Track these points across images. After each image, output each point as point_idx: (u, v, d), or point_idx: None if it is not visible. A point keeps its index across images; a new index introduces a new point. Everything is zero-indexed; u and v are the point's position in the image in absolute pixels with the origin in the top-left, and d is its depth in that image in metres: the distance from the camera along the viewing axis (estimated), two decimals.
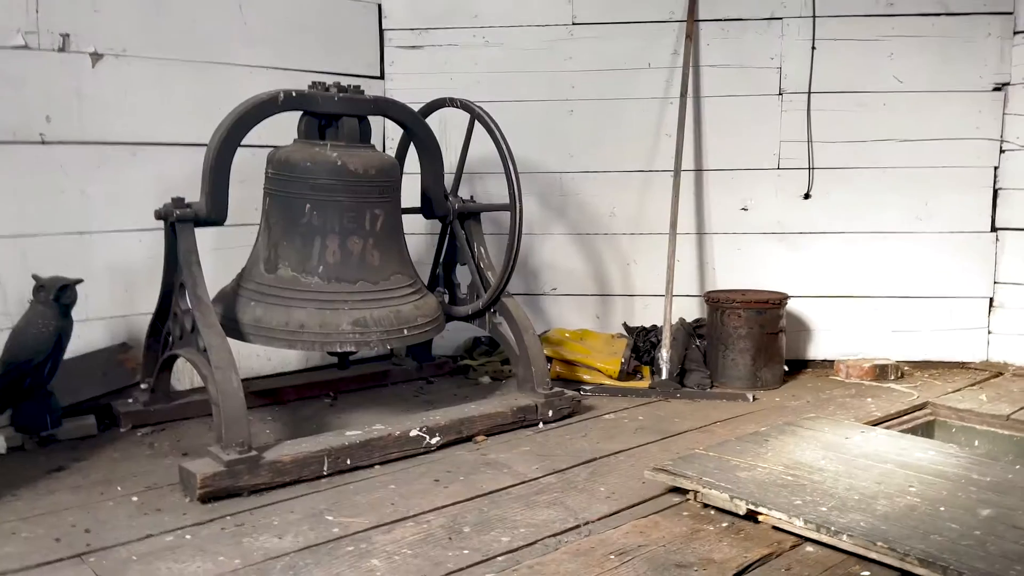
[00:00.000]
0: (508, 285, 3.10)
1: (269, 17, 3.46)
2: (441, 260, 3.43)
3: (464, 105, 3.11)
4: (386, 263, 2.84)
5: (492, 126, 2.99)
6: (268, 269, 2.75)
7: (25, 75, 2.86)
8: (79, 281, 2.72)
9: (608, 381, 3.48)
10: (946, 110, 3.65)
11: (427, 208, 3.22)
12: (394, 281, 2.85)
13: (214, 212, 2.66)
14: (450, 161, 3.49)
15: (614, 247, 3.91)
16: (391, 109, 2.98)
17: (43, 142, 2.92)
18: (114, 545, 2.00)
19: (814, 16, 3.65)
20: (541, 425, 2.96)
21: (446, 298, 3.38)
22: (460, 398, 3.27)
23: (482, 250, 3.25)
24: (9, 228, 2.86)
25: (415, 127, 3.03)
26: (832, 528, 1.95)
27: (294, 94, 2.71)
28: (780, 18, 3.68)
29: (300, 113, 2.82)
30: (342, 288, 2.73)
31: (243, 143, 2.68)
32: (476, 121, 3.08)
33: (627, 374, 3.51)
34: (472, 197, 3.35)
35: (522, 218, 3.01)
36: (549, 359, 3.34)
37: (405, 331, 2.80)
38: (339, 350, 2.73)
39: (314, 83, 2.81)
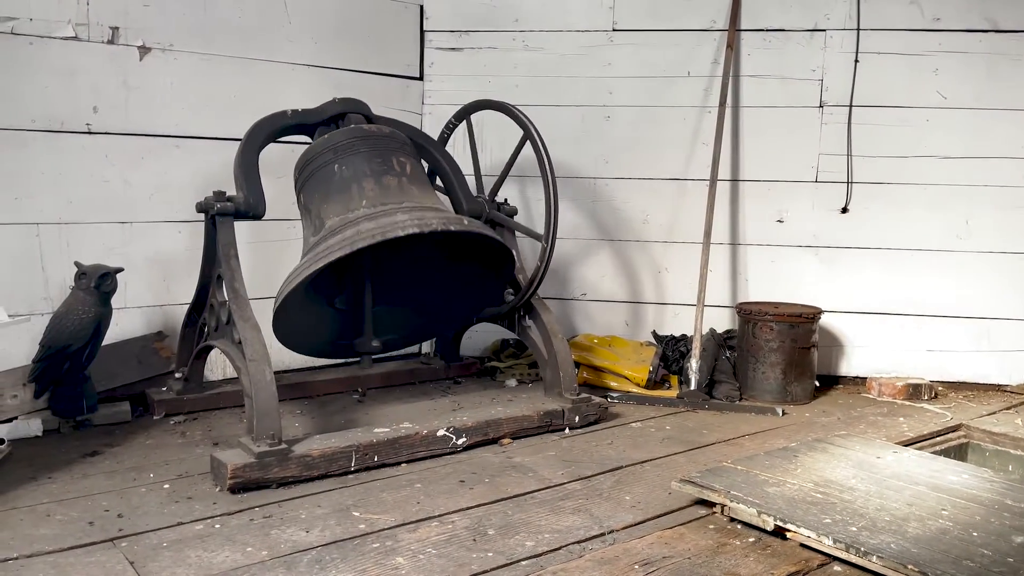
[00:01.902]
0: (539, 289, 3.11)
1: (313, 15, 3.50)
2: None
3: (504, 108, 3.12)
4: (426, 197, 2.82)
5: (532, 130, 3.00)
6: (315, 233, 2.74)
7: (74, 66, 2.93)
8: (120, 270, 2.78)
9: (635, 389, 3.47)
10: (991, 128, 3.59)
11: (458, 209, 3.24)
12: (442, 208, 2.85)
13: (252, 205, 2.71)
14: (485, 163, 3.51)
15: (646, 254, 3.90)
16: (382, 121, 3.04)
17: (89, 132, 2.99)
18: (145, 531, 2.04)
19: (858, 29, 3.61)
20: (567, 430, 2.96)
21: None
22: (487, 400, 3.28)
23: (514, 252, 3.25)
24: (53, 215, 2.92)
25: (411, 134, 3.10)
26: (862, 549, 1.92)
27: (300, 109, 2.94)
28: (823, 30, 3.65)
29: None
30: (391, 205, 2.68)
31: (282, 139, 2.73)
32: (518, 126, 3.07)
33: (655, 383, 3.49)
34: (507, 200, 3.35)
35: (557, 223, 3.01)
36: (576, 364, 3.34)
37: (465, 221, 2.77)
38: (400, 234, 2.54)
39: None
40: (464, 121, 3.35)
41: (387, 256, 2.99)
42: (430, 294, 3.24)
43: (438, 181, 3.28)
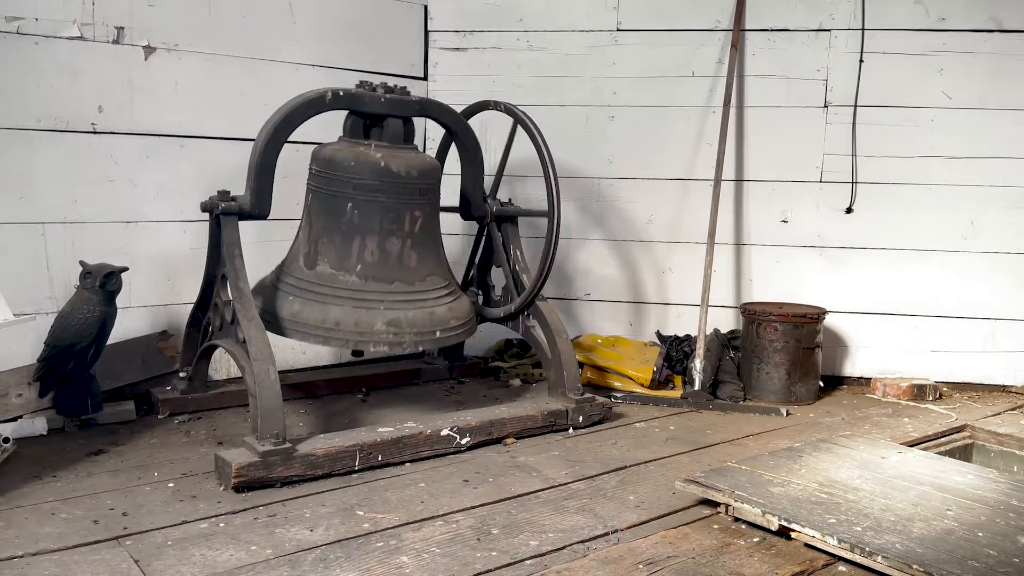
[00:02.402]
0: (542, 289, 3.11)
1: (317, 15, 3.50)
2: (476, 261, 3.44)
3: (507, 109, 3.12)
4: (423, 264, 2.86)
5: (534, 131, 3.00)
6: (308, 265, 2.79)
7: (80, 66, 2.93)
8: (124, 269, 2.78)
9: (639, 389, 3.47)
10: (997, 128, 3.58)
11: (465, 209, 3.24)
12: (430, 283, 2.87)
13: (258, 207, 2.70)
14: (490, 163, 3.50)
15: (650, 254, 3.89)
16: (434, 111, 2.99)
17: (95, 132, 2.99)
18: (150, 530, 2.04)
19: (863, 29, 3.60)
20: (571, 430, 2.96)
21: (480, 299, 3.40)
22: (490, 399, 3.28)
23: (518, 253, 3.26)
24: (58, 215, 2.93)
25: (458, 130, 3.05)
26: (867, 549, 1.92)
27: (341, 93, 2.74)
28: (828, 30, 3.64)
29: (346, 112, 2.86)
30: (379, 288, 2.76)
31: (288, 139, 2.72)
32: (518, 125, 3.08)
33: (659, 383, 3.49)
34: (510, 200, 3.35)
35: (560, 223, 3.01)
36: (580, 364, 3.33)
37: (438, 333, 2.82)
38: (372, 350, 2.75)
39: (361, 82, 2.84)
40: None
41: None
42: None
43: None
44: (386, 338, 2.71)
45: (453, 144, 3.13)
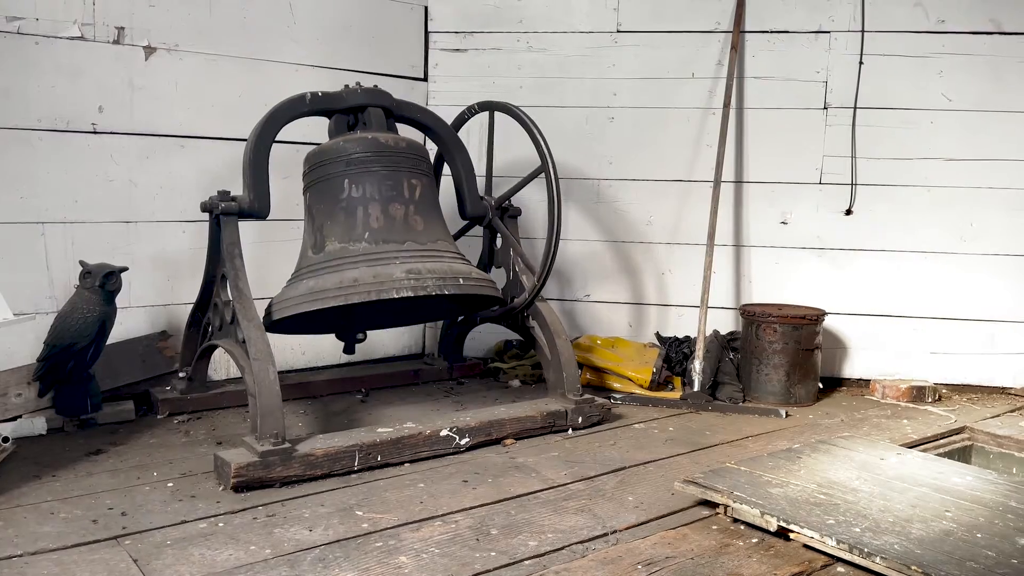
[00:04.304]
0: (542, 290, 3.11)
1: (317, 16, 3.51)
2: (476, 263, 3.45)
3: (507, 109, 3.12)
4: (431, 229, 2.84)
5: (535, 131, 3.00)
6: (316, 251, 2.77)
7: (80, 66, 2.94)
8: (124, 269, 2.78)
9: (638, 390, 3.47)
10: (996, 130, 3.58)
11: (462, 209, 3.25)
12: (442, 245, 2.84)
13: (258, 204, 2.71)
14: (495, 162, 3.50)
15: (650, 256, 3.90)
16: (407, 109, 3.04)
17: (95, 132, 3.00)
18: (149, 529, 2.04)
19: (863, 31, 3.61)
20: (570, 431, 2.96)
21: None
22: (490, 400, 3.28)
23: (518, 253, 3.26)
24: (58, 214, 2.93)
25: (434, 125, 3.08)
26: (865, 550, 1.92)
27: (320, 93, 2.87)
28: (828, 32, 3.65)
29: (329, 119, 2.91)
30: (391, 247, 2.71)
31: (287, 139, 2.73)
32: (521, 126, 3.07)
33: (658, 384, 3.49)
34: (510, 202, 3.35)
35: (560, 223, 3.01)
36: (580, 365, 3.34)
37: (461, 280, 2.75)
38: (395, 296, 2.60)
39: (345, 86, 2.92)
40: (467, 121, 3.35)
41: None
42: (422, 311, 3.28)
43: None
44: (408, 284, 2.61)
45: (437, 147, 3.14)
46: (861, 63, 3.62)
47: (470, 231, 3.46)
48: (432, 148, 3.36)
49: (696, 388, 3.39)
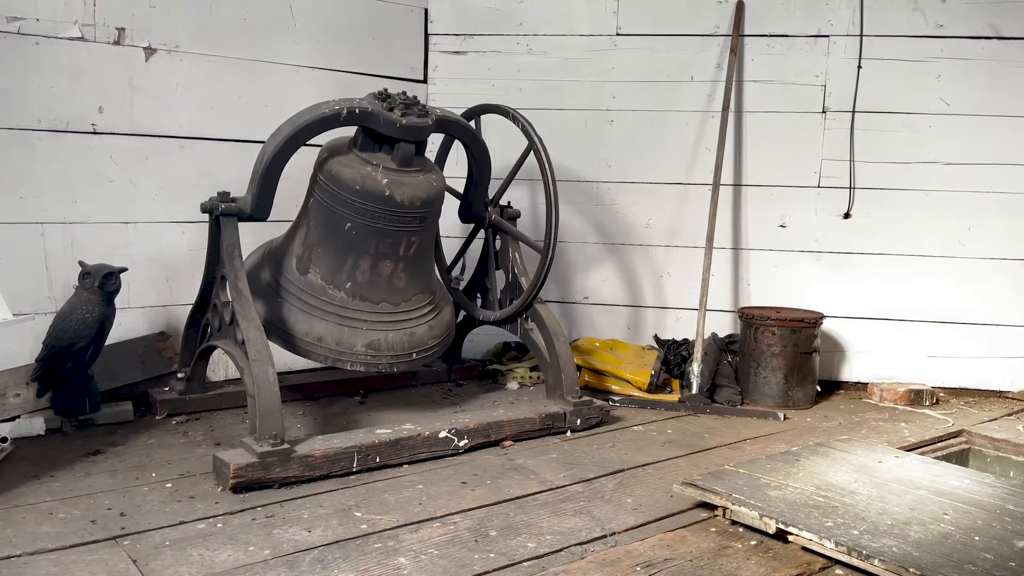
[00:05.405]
0: (541, 292, 3.11)
1: (318, 18, 3.51)
2: (464, 258, 3.46)
3: (506, 112, 3.13)
4: (411, 285, 2.90)
5: (533, 135, 3.00)
6: (300, 270, 2.79)
7: (80, 67, 2.94)
8: (123, 269, 2.78)
9: (637, 393, 3.47)
10: (994, 135, 3.59)
11: (465, 212, 3.26)
12: (415, 301, 2.92)
13: (258, 210, 2.71)
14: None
15: (648, 258, 3.90)
16: (452, 128, 2.93)
17: (95, 132, 3.00)
18: (148, 530, 2.04)
19: (861, 35, 3.62)
20: (569, 433, 2.96)
21: (479, 302, 3.41)
22: (488, 402, 3.28)
23: (516, 256, 3.26)
24: (57, 215, 2.93)
25: (473, 145, 3.07)
26: (864, 552, 1.92)
27: (357, 111, 2.65)
28: (827, 36, 3.66)
29: None
30: (364, 307, 2.81)
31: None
32: (520, 130, 3.07)
33: (656, 387, 3.49)
34: (510, 203, 3.36)
35: (558, 227, 3.01)
36: (578, 368, 3.34)
37: (414, 355, 2.89)
38: (350, 368, 2.81)
39: (380, 92, 2.73)
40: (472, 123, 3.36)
41: None
42: None
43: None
44: (364, 359, 2.78)
45: (468, 157, 3.14)
46: (860, 67, 3.63)
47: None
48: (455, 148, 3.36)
49: (694, 391, 3.40)
